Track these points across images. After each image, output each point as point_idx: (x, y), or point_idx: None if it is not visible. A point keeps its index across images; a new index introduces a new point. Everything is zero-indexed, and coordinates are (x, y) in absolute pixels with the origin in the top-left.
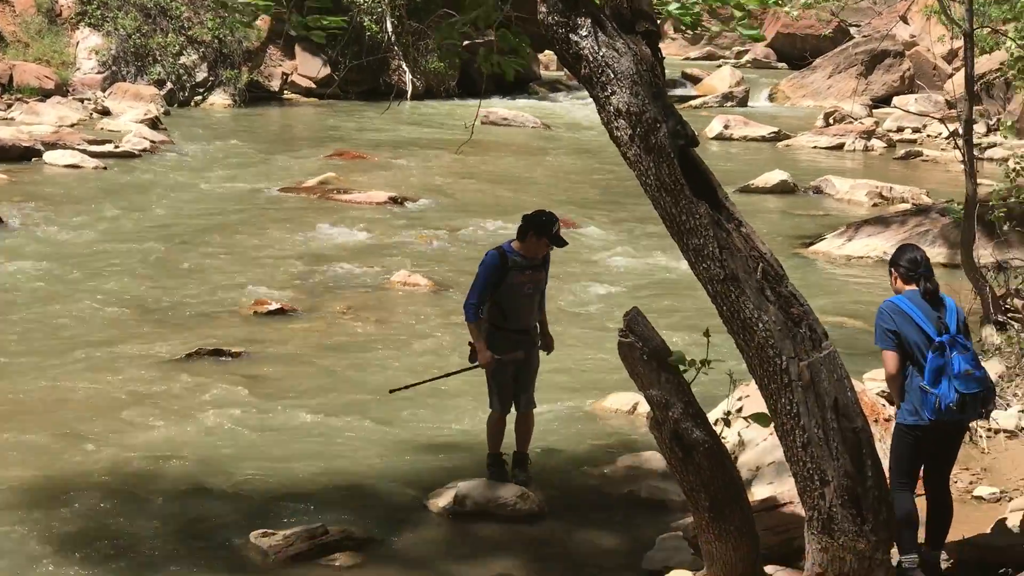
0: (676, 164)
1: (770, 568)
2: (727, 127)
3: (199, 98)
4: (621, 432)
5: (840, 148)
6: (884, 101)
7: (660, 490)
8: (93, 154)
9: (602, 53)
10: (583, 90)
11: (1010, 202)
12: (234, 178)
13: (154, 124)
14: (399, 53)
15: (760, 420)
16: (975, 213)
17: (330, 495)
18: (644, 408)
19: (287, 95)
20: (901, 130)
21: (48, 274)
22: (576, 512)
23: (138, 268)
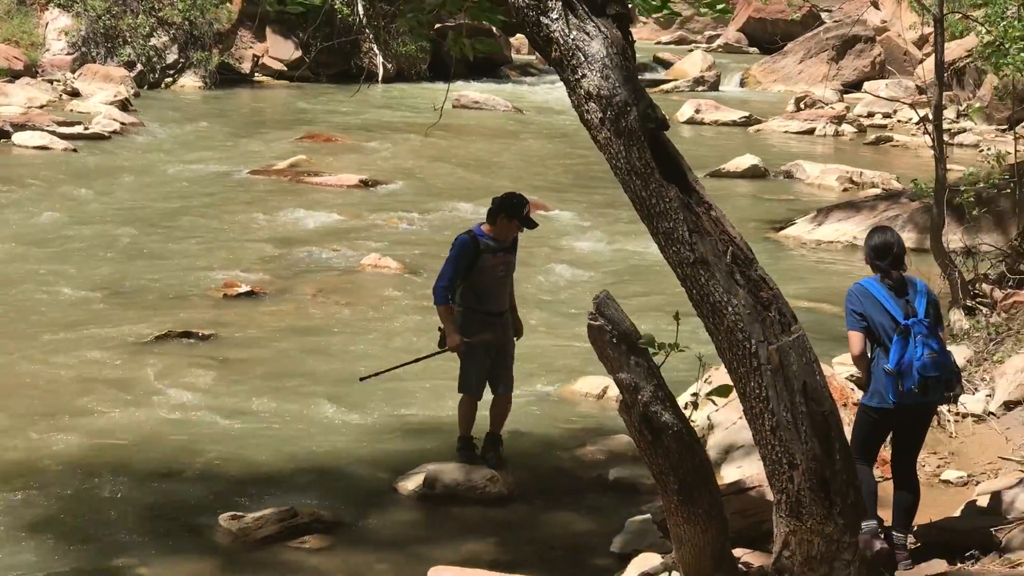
0: (646, 147)
1: (738, 551)
2: (698, 111)
3: (169, 80)
4: (591, 416)
5: (811, 133)
6: (855, 86)
7: (629, 473)
8: (63, 136)
9: (573, 36)
10: (554, 74)
11: (979, 187)
12: (204, 160)
13: (124, 106)
14: (370, 36)
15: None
16: (945, 198)
17: (300, 478)
18: (614, 392)
19: (258, 77)
20: (872, 115)
21: (16, 256)
22: (545, 495)
23: (107, 250)
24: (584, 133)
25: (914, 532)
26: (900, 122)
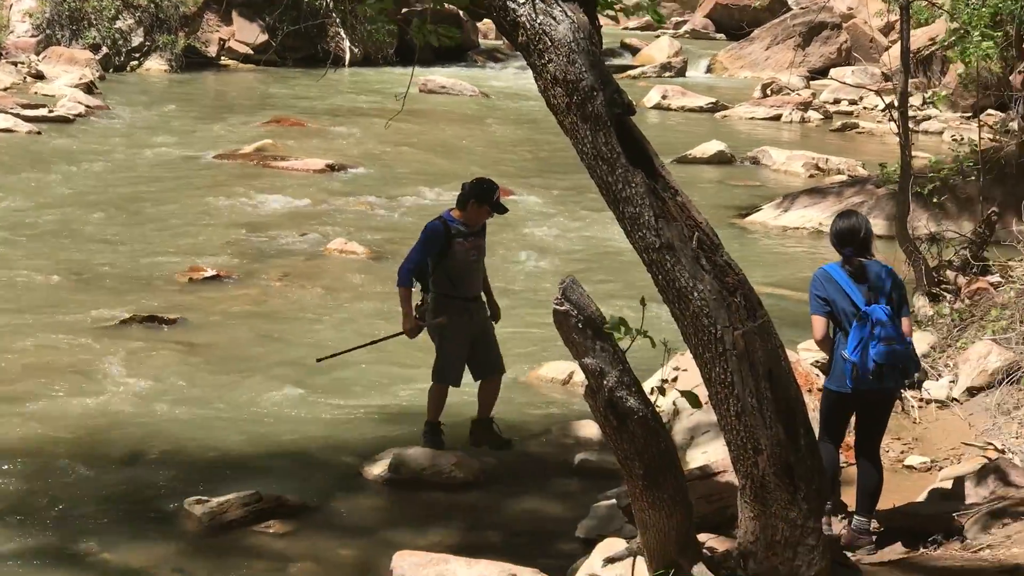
0: (612, 133)
1: (703, 536)
2: (665, 97)
3: (135, 63)
4: (557, 401)
5: (777, 119)
6: (821, 73)
7: (595, 459)
8: (27, 118)
9: (539, 20)
10: (521, 59)
11: (944, 174)
12: (170, 144)
13: (89, 89)
14: (337, 20)
15: (690, 399)
16: (910, 185)
17: (265, 462)
18: (580, 377)
19: (224, 61)
20: (838, 102)
21: None
22: (511, 480)
23: (71, 234)
24: (551, 118)
25: (877, 517)
26: (866, 109)
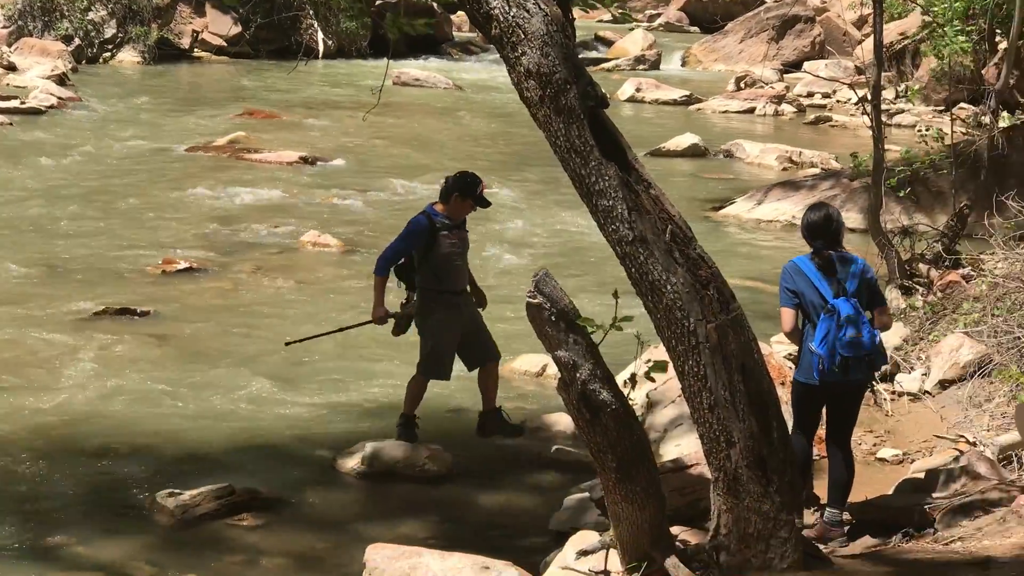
0: (586, 125)
1: (676, 529)
2: (639, 90)
3: (108, 55)
4: (530, 394)
5: (751, 112)
6: (795, 66)
7: (568, 452)
8: None
9: (513, 13)
10: (495, 52)
11: (916, 167)
12: (143, 136)
13: (61, 80)
14: (310, 12)
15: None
16: (883, 178)
17: (238, 455)
18: (553, 370)
19: (197, 53)
20: (811, 95)
21: None
22: (485, 473)
23: (43, 227)
24: (524, 111)
25: (849, 509)
26: (839, 102)
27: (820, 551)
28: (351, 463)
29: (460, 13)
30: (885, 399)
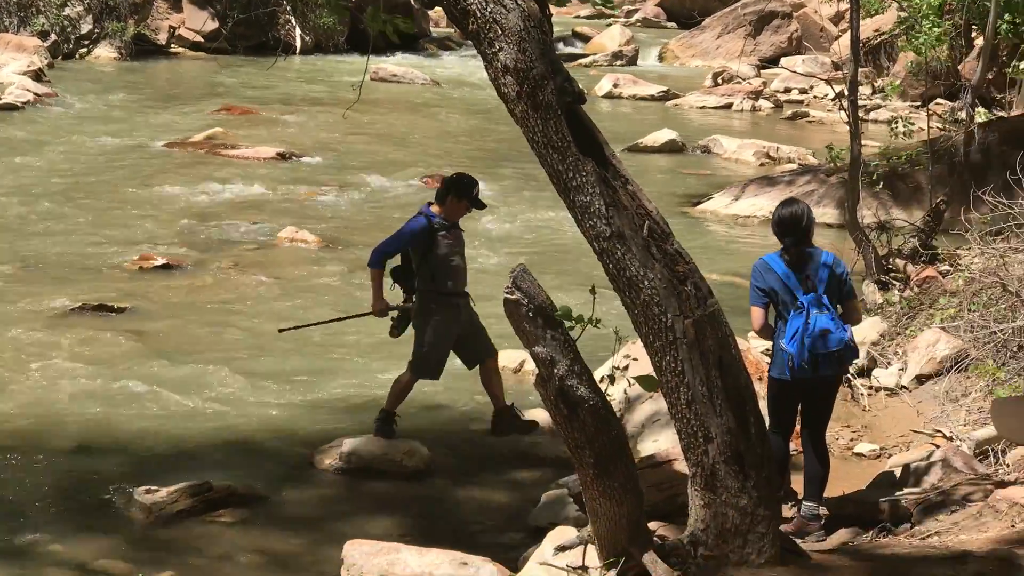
0: (563, 121)
1: (654, 524)
2: (616, 86)
3: (84, 51)
4: (508, 390)
5: (728, 108)
6: (772, 62)
7: (546, 447)
8: None
9: (490, 9)
10: (472, 48)
11: (892, 161)
12: (119, 132)
13: (38, 76)
14: (288, 7)
15: (645, 383)
16: (860, 174)
17: (216, 451)
18: (531, 366)
19: (174, 49)
20: (788, 91)
21: None
22: (463, 469)
23: (20, 223)
24: (502, 107)
25: (826, 504)
26: (816, 98)
27: (798, 546)
28: (329, 459)
29: (437, 9)
30: (862, 394)
